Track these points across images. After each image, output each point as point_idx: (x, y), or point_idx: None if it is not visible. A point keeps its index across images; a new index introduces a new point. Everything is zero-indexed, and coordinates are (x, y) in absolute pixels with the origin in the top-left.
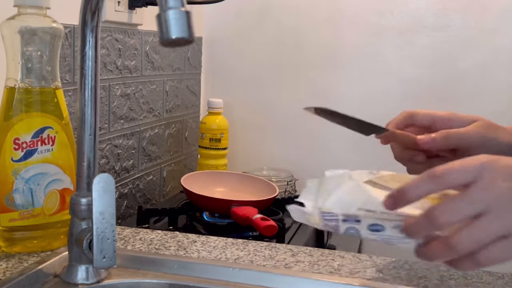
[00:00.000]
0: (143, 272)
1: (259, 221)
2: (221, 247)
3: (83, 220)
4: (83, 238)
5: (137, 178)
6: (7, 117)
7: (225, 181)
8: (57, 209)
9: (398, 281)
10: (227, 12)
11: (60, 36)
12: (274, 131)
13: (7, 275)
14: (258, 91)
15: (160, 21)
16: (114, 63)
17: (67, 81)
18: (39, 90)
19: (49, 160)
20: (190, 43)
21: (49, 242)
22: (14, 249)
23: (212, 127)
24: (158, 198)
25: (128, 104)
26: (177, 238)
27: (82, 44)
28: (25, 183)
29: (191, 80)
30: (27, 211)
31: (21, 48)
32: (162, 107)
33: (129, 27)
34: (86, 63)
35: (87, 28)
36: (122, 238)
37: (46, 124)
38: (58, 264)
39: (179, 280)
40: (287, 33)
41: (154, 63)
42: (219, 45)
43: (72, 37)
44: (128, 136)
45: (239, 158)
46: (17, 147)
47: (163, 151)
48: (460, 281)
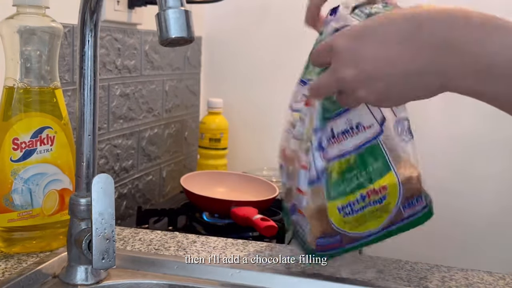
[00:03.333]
0: (143, 272)
1: (259, 222)
2: (221, 248)
3: (82, 220)
4: (82, 238)
5: (137, 178)
6: (6, 117)
7: (225, 181)
8: (56, 209)
9: (399, 281)
10: (227, 12)
11: (59, 35)
12: (274, 131)
13: (6, 276)
14: (258, 91)
15: (160, 21)
16: (113, 62)
17: (66, 81)
18: (38, 90)
19: (48, 160)
20: (190, 42)
21: (48, 242)
22: (13, 249)
23: (212, 127)
24: (158, 199)
25: (128, 104)
26: (176, 238)
27: (81, 44)
28: (24, 183)
29: (191, 80)
30: (26, 211)
31: (20, 47)
32: (161, 107)
33: (129, 26)
34: (85, 63)
35: (86, 27)
36: (122, 238)
37: (45, 124)
38: (57, 264)
39: (179, 281)
40: (287, 33)
41: (154, 62)
42: (219, 45)
43: (71, 37)
44: (128, 136)
45: (239, 158)
46: (16, 147)
47: (162, 151)
48: (461, 281)
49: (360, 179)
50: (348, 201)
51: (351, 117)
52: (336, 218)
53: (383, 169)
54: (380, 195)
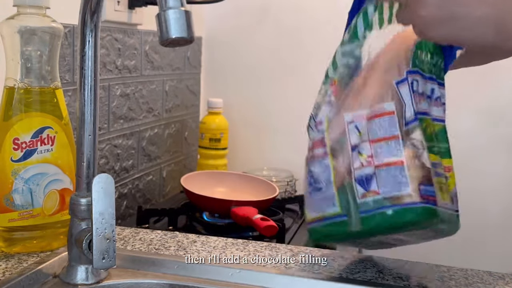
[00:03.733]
0: (143, 272)
1: (259, 221)
2: (221, 247)
3: (83, 220)
4: (83, 238)
5: (137, 178)
6: (6, 117)
7: (225, 181)
8: (56, 209)
9: (399, 281)
10: (227, 12)
11: (59, 35)
12: (274, 131)
13: (7, 276)
14: (258, 91)
15: (160, 21)
16: (113, 63)
17: (66, 81)
18: (38, 90)
19: (48, 160)
20: (190, 42)
21: (48, 242)
22: (14, 249)
23: (212, 127)
24: (158, 198)
25: (128, 104)
26: (177, 238)
27: (82, 44)
28: (24, 183)
29: (191, 80)
30: (27, 211)
31: (20, 48)
32: (161, 107)
33: (129, 26)
34: (85, 63)
35: (86, 27)
36: (122, 238)
37: (46, 124)
38: (58, 264)
39: (179, 281)
40: (287, 33)
41: (154, 63)
42: (219, 45)
43: (72, 37)
44: (128, 136)
45: (239, 158)
46: (16, 147)
47: (162, 151)
48: (461, 281)
49: (441, 146)
50: (436, 160)
51: (434, 87)
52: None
53: (448, 153)
54: (443, 170)
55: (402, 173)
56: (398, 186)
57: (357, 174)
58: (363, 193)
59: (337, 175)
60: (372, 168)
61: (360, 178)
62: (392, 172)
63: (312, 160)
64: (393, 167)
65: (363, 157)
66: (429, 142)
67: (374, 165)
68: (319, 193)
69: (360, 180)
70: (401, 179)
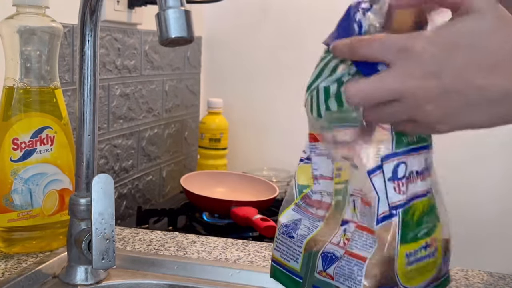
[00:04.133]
0: (143, 272)
1: (259, 222)
2: (221, 248)
3: (82, 220)
4: (82, 238)
5: (137, 178)
6: (6, 117)
7: (225, 181)
8: (56, 209)
9: None
10: (227, 12)
11: (59, 35)
12: (274, 131)
13: (6, 276)
14: (258, 91)
15: (160, 20)
16: (113, 62)
17: (66, 81)
18: (38, 90)
19: (48, 160)
20: (190, 42)
21: (48, 242)
22: (13, 249)
23: (211, 127)
24: (158, 199)
25: (128, 104)
26: (176, 238)
27: (81, 44)
28: (24, 183)
29: (191, 79)
30: (26, 211)
31: (20, 47)
32: (161, 107)
33: (129, 26)
34: (85, 63)
35: (86, 27)
36: (122, 238)
37: (45, 124)
38: (57, 264)
39: (179, 281)
40: (287, 33)
41: (154, 62)
42: (219, 45)
43: (71, 37)
44: (128, 136)
45: (239, 158)
46: (16, 147)
47: (162, 151)
48: (461, 281)
49: (430, 224)
50: (414, 248)
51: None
52: (401, 266)
53: (435, 224)
54: (433, 248)
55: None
56: (351, 282)
57: (328, 248)
58: (320, 270)
59: (314, 239)
60: (342, 251)
61: (327, 255)
62: (352, 264)
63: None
64: (355, 260)
65: (345, 237)
66: (418, 226)
67: (345, 250)
68: (289, 239)
69: (325, 256)
70: (356, 276)
